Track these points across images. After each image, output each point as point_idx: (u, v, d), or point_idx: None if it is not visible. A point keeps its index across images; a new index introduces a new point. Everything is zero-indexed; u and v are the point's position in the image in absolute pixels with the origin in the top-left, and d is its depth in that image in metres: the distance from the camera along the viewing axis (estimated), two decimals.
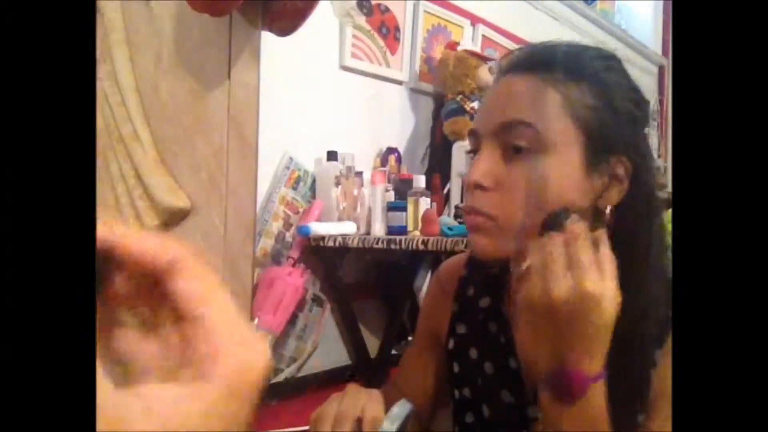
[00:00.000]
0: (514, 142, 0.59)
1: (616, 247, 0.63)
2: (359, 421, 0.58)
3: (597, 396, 0.52)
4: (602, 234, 0.53)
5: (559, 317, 0.50)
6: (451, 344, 0.74)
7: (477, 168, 0.60)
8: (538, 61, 0.62)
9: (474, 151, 0.64)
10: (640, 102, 0.63)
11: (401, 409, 0.58)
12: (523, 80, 0.61)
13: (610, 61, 0.64)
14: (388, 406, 0.59)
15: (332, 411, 0.59)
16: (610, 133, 0.60)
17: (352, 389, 0.62)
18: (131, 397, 0.21)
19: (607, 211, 0.61)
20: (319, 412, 0.61)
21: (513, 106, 0.60)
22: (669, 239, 0.62)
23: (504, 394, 0.67)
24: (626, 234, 0.61)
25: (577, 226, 0.53)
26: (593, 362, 0.51)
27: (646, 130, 0.64)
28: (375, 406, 0.59)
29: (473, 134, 0.64)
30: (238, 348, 0.24)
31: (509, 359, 0.66)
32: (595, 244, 0.52)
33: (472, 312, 0.72)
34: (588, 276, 0.50)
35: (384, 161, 2.31)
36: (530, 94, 0.60)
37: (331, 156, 2.04)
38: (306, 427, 0.62)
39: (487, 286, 0.72)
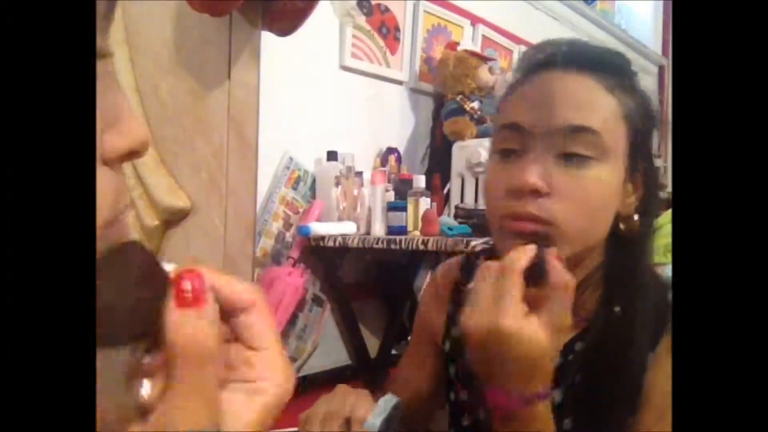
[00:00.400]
0: (575, 148, 0.56)
1: (615, 250, 0.63)
2: (348, 421, 0.59)
3: (534, 417, 0.50)
4: (548, 263, 0.51)
5: (481, 346, 0.50)
6: (447, 347, 0.74)
7: (531, 170, 0.56)
8: (586, 61, 0.60)
9: (513, 150, 0.59)
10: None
11: (386, 402, 0.58)
12: (578, 81, 0.59)
13: (634, 66, 0.64)
14: None
15: (321, 411, 0.60)
16: (645, 140, 0.60)
17: (341, 390, 0.63)
18: (222, 399, 0.30)
19: (635, 218, 0.60)
20: (308, 412, 0.61)
21: (575, 110, 0.57)
22: (669, 239, 0.62)
23: None
24: (626, 238, 0.61)
25: (514, 256, 0.51)
26: (525, 386, 0.50)
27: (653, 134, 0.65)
28: (363, 406, 0.59)
29: (516, 129, 0.59)
30: (283, 374, 0.32)
31: None
32: (537, 276, 0.50)
33: None
34: (508, 313, 0.48)
35: (384, 161, 2.30)
36: (590, 98, 0.58)
37: (331, 156, 2.04)
38: None
39: None
